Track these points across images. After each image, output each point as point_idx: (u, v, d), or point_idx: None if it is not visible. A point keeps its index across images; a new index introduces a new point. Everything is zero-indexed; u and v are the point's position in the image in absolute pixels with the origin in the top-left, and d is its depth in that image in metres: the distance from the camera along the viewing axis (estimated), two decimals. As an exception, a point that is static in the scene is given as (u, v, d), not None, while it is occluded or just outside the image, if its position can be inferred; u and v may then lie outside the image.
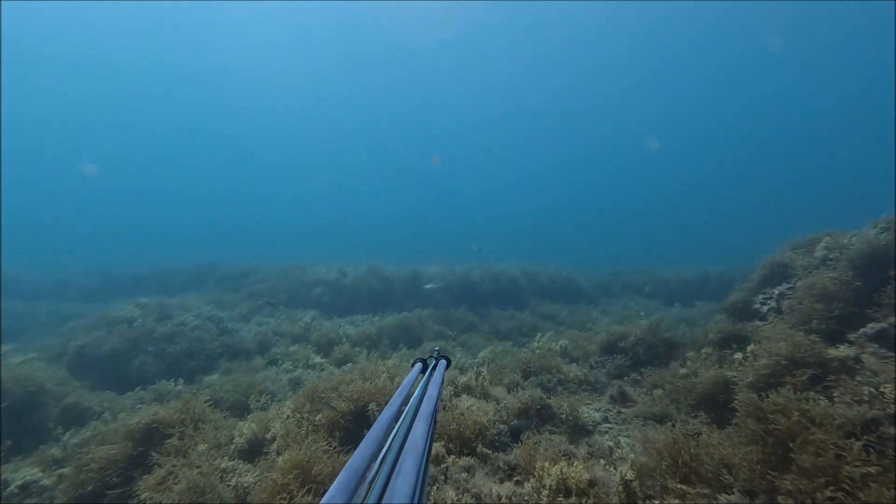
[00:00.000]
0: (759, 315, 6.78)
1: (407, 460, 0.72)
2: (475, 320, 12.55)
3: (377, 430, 0.84)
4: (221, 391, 7.10)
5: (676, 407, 5.07)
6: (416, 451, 0.76)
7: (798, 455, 3.11)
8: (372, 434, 0.81)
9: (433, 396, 1.13)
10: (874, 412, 3.38)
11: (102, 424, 6.13)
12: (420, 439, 0.82)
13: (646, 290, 17.24)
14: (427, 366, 1.55)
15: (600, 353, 7.41)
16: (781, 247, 7.58)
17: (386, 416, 0.92)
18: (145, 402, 7.67)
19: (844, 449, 2.97)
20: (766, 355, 4.42)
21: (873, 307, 4.65)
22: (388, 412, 0.95)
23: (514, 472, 4.19)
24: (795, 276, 6.77)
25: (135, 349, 9.57)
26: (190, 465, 4.27)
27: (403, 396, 1.10)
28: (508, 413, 5.18)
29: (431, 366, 1.54)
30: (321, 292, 15.64)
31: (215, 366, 9.39)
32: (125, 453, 4.72)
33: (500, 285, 15.99)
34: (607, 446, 4.55)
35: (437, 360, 1.61)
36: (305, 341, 10.75)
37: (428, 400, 1.10)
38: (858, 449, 2.91)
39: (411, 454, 0.75)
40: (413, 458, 0.73)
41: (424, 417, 0.95)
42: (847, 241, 6.26)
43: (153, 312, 10.84)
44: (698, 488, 3.47)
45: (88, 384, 8.55)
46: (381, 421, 0.89)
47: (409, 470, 0.68)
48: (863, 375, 3.85)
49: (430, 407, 1.05)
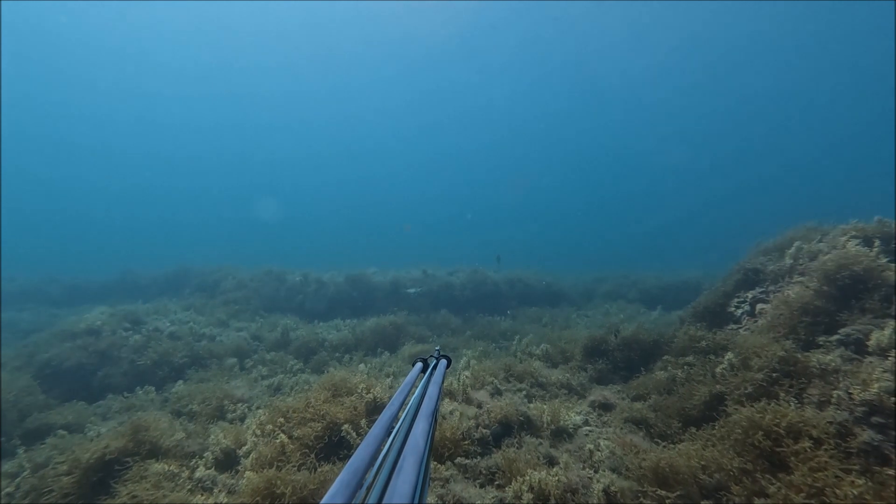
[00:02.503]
0: (734, 318, 6.95)
1: (408, 459, 0.72)
2: (458, 324, 12.52)
3: (378, 429, 0.84)
4: (193, 402, 6.84)
5: (656, 413, 5.12)
6: (416, 450, 0.76)
7: (790, 466, 3.17)
8: (373, 433, 0.80)
9: (434, 396, 1.14)
10: (844, 414, 3.47)
11: (62, 440, 5.79)
12: (421, 438, 0.82)
13: (629, 294, 17.52)
14: (428, 365, 1.54)
15: (581, 356, 7.46)
16: (752, 252, 7.79)
17: (387, 416, 0.92)
18: (113, 412, 7.35)
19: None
20: (753, 367, 4.50)
21: (844, 312, 4.80)
22: (389, 411, 0.95)
23: (494, 476, 4.17)
24: (766, 280, 6.98)
25: (103, 360, 9.17)
26: (156, 486, 4.08)
27: (404, 396, 1.11)
28: (490, 418, 5.15)
29: (432, 365, 1.54)
30: (302, 298, 15.36)
31: (185, 375, 9.06)
32: (84, 482, 4.48)
33: (482, 291, 16.01)
34: (588, 449, 4.55)
35: (438, 359, 1.61)
36: (284, 349, 10.52)
37: (428, 399, 1.10)
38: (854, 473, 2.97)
39: (412, 453, 0.75)
40: (414, 457, 0.73)
41: (425, 416, 0.96)
42: (815, 246, 6.48)
43: (123, 320, 10.42)
44: (678, 491, 3.51)
45: (56, 394, 8.16)
46: (381, 420, 0.89)
47: (410, 469, 0.68)
48: (837, 380, 3.96)
49: (431, 406, 1.05)
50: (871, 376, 3.59)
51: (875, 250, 5.18)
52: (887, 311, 4.32)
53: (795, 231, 7.34)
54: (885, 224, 5.84)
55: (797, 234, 7.20)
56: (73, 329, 9.92)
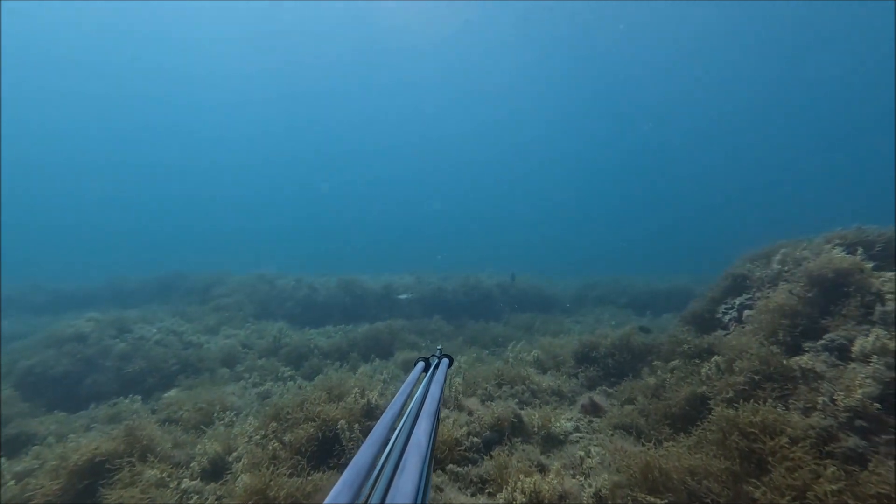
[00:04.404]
0: (722, 325, 7.04)
1: (410, 459, 0.72)
2: (450, 330, 12.51)
3: (381, 429, 0.84)
4: (182, 408, 6.75)
5: (646, 419, 5.16)
6: (419, 449, 0.77)
7: (772, 469, 3.22)
8: (375, 433, 0.81)
9: (436, 395, 1.14)
10: (830, 420, 3.54)
11: (47, 449, 5.67)
12: (423, 438, 0.83)
13: (619, 300, 17.64)
14: (429, 365, 1.55)
15: (573, 362, 7.50)
16: (740, 258, 7.92)
17: (389, 415, 0.93)
18: (98, 421, 7.21)
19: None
20: (738, 371, 4.56)
21: (827, 318, 4.89)
22: (392, 411, 0.96)
23: (485, 485, 4.17)
24: (754, 287, 7.09)
25: (89, 367, 9.01)
26: (144, 491, 4.01)
27: (406, 395, 1.11)
28: (482, 425, 5.15)
29: (434, 365, 1.55)
30: (293, 305, 15.24)
31: (175, 382, 8.93)
32: (70, 488, 4.38)
33: (474, 297, 16.03)
34: (578, 456, 4.57)
35: (440, 359, 1.61)
36: (274, 355, 10.41)
37: (431, 399, 1.11)
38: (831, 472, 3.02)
39: (415, 453, 0.75)
40: (417, 456, 0.73)
41: (427, 416, 0.96)
42: (800, 253, 6.60)
43: (109, 327, 10.26)
44: (666, 497, 3.53)
45: (41, 403, 8.00)
46: (384, 420, 0.89)
47: (412, 468, 0.68)
48: (820, 384, 4.03)
49: (433, 406, 1.06)
50: (854, 382, 3.66)
51: (858, 256, 5.31)
52: (869, 318, 4.42)
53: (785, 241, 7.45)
54: (864, 232, 6.00)
55: (784, 242, 7.34)
56: (58, 335, 9.75)
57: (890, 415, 3.41)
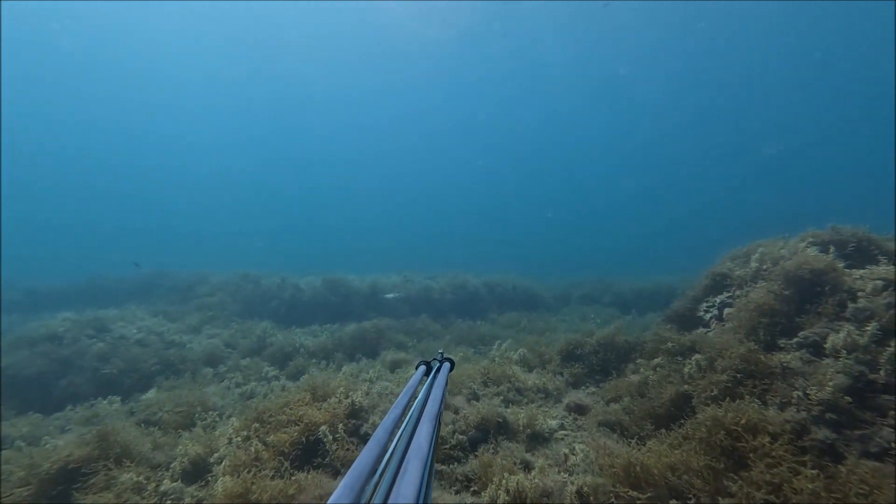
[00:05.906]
0: (703, 323, 7.18)
1: (412, 462, 0.72)
2: (437, 329, 12.50)
3: (382, 432, 0.83)
4: (162, 409, 6.61)
5: (629, 416, 5.23)
6: (420, 452, 0.76)
7: (752, 466, 3.29)
8: (377, 436, 0.80)
9: (437, 399, 1.14)
10: (803, 414, 3.64)
11: (17, 453, 5.50)
12: (425, 441, 0.82)
13: (604, 299, 17.87)
14: (431, 368, 1.55)
15: (558, 360, 7.56)
16: (722, 258, 8.09)
17: (390, 419, 0.93)
18: (75, 423, 7.01)
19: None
20: (721, 369, 4.66)
21: (802, 316, 5.03)
22: (393, 414, 0.96)
23: (470, 483, 4.18)
24: (734, 285, 7.25)
25: (65, 368, 8.76)
26: (119, 496, 3.92)
27: (408, 399, 1.11)
28: (467, 424, 5.16)
29: (435, 368, 1.55)
30: (278, 304, 15.05)
31: (154, 383, 8.74)
32: (42, 494, 4.25)
33: (462, 295, 16.06)
34: (563, 453, 4.61)
35: (441, 362, 1.61)
36: (258, 355, 10.28)
37: (432, 402, 1.11)
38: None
39: (416, 456, 0.75)
40: (418, 459, 0.73)
41: (429, 419, 0.96)
42: (778, 252, 6.78)
43: (87, 327, 9.99)
44: (648, 493, 3.59)
45: (13, 406, 7.74)
46: (385, 423, 0.89)
47: (414, 471, 0.68)
48: (795, 380, 4.14)
49: (435, 409, 1.05)
50: (825, 377, 3.78)
51: (831, 255, 5.47)
52: (842, 315, 4.56)
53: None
54: (838, 231, 6.19)
55: (762, 241, 7.52)
56: (32, 335, 9.45)
57: (859, 408, 3.52)
